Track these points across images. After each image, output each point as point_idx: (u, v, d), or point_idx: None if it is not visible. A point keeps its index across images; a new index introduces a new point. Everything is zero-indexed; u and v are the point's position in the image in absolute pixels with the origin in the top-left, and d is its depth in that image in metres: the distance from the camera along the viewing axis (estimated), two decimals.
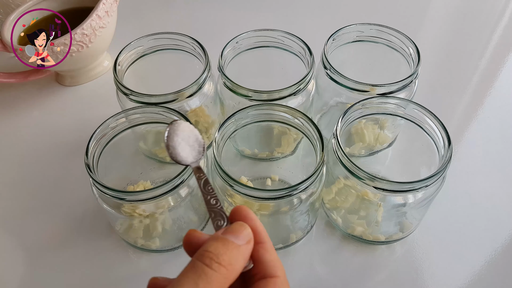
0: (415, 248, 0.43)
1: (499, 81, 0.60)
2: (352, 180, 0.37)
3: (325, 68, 0.44)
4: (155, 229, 0.41)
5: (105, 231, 0.45)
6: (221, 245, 0.23)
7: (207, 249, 0.23)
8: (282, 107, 0.40)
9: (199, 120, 0.49)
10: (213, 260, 0.23)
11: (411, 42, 0.45)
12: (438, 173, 0.34)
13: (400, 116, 0.41)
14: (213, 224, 0.27)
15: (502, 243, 0.43)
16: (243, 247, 0.24)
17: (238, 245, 0.24)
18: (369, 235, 0.42)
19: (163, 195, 0.36)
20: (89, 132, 0.38)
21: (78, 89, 0.61)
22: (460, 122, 0.55)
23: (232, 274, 0.23)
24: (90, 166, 0.36)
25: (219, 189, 0.38)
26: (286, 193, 0.34)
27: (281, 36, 0.47)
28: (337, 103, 0.47)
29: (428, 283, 0.41)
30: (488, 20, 0.71)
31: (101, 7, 0.54)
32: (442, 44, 0.67)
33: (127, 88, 0.42)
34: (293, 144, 0.48)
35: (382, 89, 0.42)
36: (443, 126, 0.37)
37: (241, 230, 0.25)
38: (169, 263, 0.42)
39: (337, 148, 0.37)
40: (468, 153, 0.51)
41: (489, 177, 0.49)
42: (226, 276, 0.23)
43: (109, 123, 0.40)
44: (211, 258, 0.23)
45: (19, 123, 0.56)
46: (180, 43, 0.47)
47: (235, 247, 0.24)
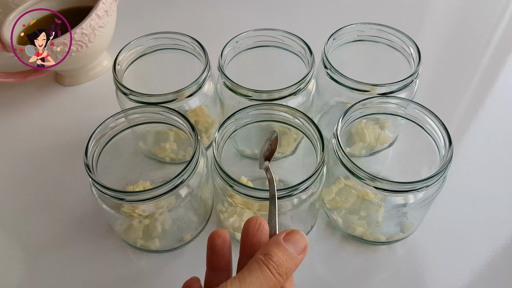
0: (415, 249, 0.43)
1: (500, 81, 0.60)
2: (352, 180, 0.37)
3: (326, 68, 0.44)
4: (155, 230, 0.41)
5: (104, 231, 0.44)
6: (282, 255, 0.26)
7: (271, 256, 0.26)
8: (282, 107, 0.40)
9: (199, 120, 0.48)
10: (275, 269, 0.25)
11: (412, 41, 0.45)
12: (438, 173, 0.34)
13: (400, 116, 0.41)
14: None
15: (503, 243, 0.43)
16: (299, 257, 0.27)
17: (295, 256, 0.26)
18: (369, 235, 0.42)
19: (162, 195, 0.35)
20: (89, 132, 0.38)
21: (77, 89, 0.60)
22: (461, 122, 0.55)
23: (286, 279, 0.26)
24: (90, 166, 0.36)
25: (219, 189, 0.38)
26: (286, 193, 0.34)
27: (281, 36, 0.47)
28: (338, 103, 0.47)
29: (429, 283, 0.41)
30: (489, 20, 0.71)
31: (100, 7, 0.53)
32: (442, 44, 0.67)
33: (126, 88, 0.42)
34: (293, 144, 0.48)
35: (382, 89, 0.42)
36: (444, 126, 0.37)
37: (301, 241, 0.27)
38: (169, 263, 0.42)
39: (338, 148, 0.37)
40: (469, 153, 0.51)
41: (489, 177, 0.49)
42: (282, 281, 0.26)
43: (109, 123, 0.39)
44: (274, 267, 0.25)
45: (18, 123, 0.56)
46: (180, 42, 0.47)
47: (293, 258, 0.26)
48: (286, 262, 0.26)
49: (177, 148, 0.49)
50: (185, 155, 0.49)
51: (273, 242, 0.27)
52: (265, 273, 0.25)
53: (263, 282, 0.25)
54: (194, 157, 0.36)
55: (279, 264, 0.26)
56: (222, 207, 0.41)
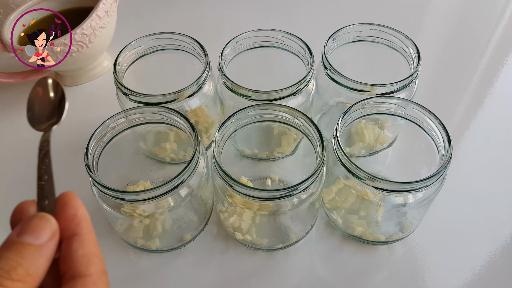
0: (415, 248, 0.43)
1: (499, 81, 0.60)
2: (352, 180, 0.37)
3: (325, 68, 0.44)
4: (155, 229, 0.41)
5: (105, 231, 0.45)
6: (13, 256, 0.20)
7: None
8: (282, 107, 0.40)
9: (199, 120, 0.49)
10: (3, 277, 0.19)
11: (411, 42, 0.45)
12: (438, 173, 0.34)
13: (400, 116, 0.41)
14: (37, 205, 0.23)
15: (502, 243, 0.43)
16: (46, 245, 0.21)
17: (39, 246, 0.20)
18: (369, 235, 0.42)
19: (163, 195, 0.36)
20: (89, 132, 0.38)
21: (77, 89, 0.61)
22: (460, 122, 0.55)
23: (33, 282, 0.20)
24: (90, 166, 0.36)
25: (219, 189, 0.38)
26: (286, 193, 0.34)
27: (281, 36, 0.47)
28: (337, 103, 0.47)
29: (429, 283, 0.41)
30: (488, 20, 0.71)
31: (101, 7, 0.53)
32: (442, 44, 0.67)
33: (127, 88, 0.42)
34: (293, 144, 0.48)
35: (382, 89, 0.42)
36: (443, 126, 0.37)
37: (42, 224, 0.21)
38: (169, 263, 0.42)
39: (337, 148, 0.37)
40: (468, 153, 0.51)
41: (489, 177, 0.49)
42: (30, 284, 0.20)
43: (109, 123, 0.39)
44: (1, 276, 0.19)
45: (19, 123, 0.56)
46: (180, 43, 0.47)
47: (34, 250, 0.20)
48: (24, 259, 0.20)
49: (177, 148, 0.49)
50: (185, 155, 0.49)
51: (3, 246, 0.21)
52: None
53: None
54: (194, 157, 0.37)
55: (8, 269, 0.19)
56: (222, 207, 0.41)
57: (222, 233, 0.44)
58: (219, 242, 0.44)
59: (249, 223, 0.41)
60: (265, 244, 0.42)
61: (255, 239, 0.41)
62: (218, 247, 0.43)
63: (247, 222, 0.41)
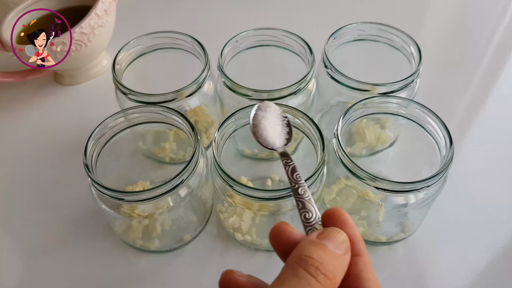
0: (416, 249, 0.43)
1: (501, 80, 0.60)
2: (353, 180, 0.37)
3: (326, 67, 0.44)
4: (154, 230, 0.41)
5: (104, 231, 0.44)
6: (323, 253, 0.20)
7: (310, 255, 0.20)
8: (282, 106, 0.40)
9: (199, 119, 0.48)
10: (319, 270, 0.20)
11: (413, 41, 0.45)
12: (439, 173, 0.34)
13: (401, 115, 0.41)
14: (300, 216, 0.24)
15: (504, 244, 0.43)
16: (344, 258, 0.21)
17: (339, 255, 0.21)
18: (370, 235, 0.42)
19: (162, 195, 0.35)
20: (88, 132, 0.38)
21: (76, 88, 0.60)
22: (462, 122, 0.55)
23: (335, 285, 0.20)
24: (89, 166, 0.36)
25: (219, 189, 0.38)
26: (286, 193, 0.34)
27: (281, 35, 0.47)
28: (338, 102, 0.47)
29: (430, 283, 0.40)
30: (490, 19, 0.71)
31: (99, 6, 0.53)
32: (443, 43, 0.67)
33: (126, 88, 0.42)
34: (293, 144, 0.48)
35: (383, 88, 0.42)
36: (445, 126, 0.37)
37: (339, 237, 0.22)
38: (169, 264, 0.42)
39: (338, 148, 0.37)
40: (470, 153, 0.51)
41: (490, 177, 0.49)
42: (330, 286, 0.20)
43: (108, 122, 0.39)
44: (316, 267, 0.20)
45: (17, 123, 0.56)
46: (179, 42, 0.47)
47: (337, 257, 0.21)
48: (331, 260, 0.20)
49: (176, 148, 0.48)
50: (184, 155, 0.49)
51: (306, 242, 0.21)
52: (304, 278, 0.19)
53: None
54: (194, 157, 0.36)
55: (322, 262, 0.20)
56: (222, 207, 0.41)
57: (222, 234, 0.44)
58: (219, 242, 0.44)
59: (249, 223, 0.41)
60: (265, 244, 0.42)
61: (255, 240, 0.41)
62: (217, 247, 0.43)
63: (247, 222, 0.40)
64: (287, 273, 0.20)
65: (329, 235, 0.22)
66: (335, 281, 0.20)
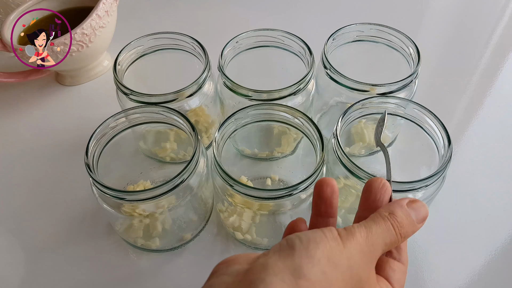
0: (415, 248, 0.43)
1: (499, 80, 0.60)
2: (352, 179, 0.37)
3: (325, 68, 0.44)
4: (155, 229, 0.41)
5: (105, 231, 0.45)
6: (405, 218, 0.27)
7: (396, 216, 0.26)
8: (282, 106, 0.40)
9: (199, 120, 0.49)
10: (398, 229, 0.26)
11: (411, 41, 0.45)
12: (438, 173, 0.34)
13: (400, 115, 0.41)
14: None
15: (502, 243, 0.43)
16: (418, 226, 0.27)
17: (415, 224, 0.27)
18: None
19: (163, 195, 0.36)
20: (89, 132, 0.38)
21: (78, 88, 0.61)
22: (460, 122, 0.55)
23: (402, 242, 0.27)
24: (90, 166, 0.36)
25: (219, 189, 0.38)
26: (286, 193, 0.34)
27: (281, 36, 0.47)
28: (337, 102, 0.47)
29: (428, 283, 0.41)
30: (488, 20, 0.71)
31: (101, 7, 0.54)
32: (442, 44, 0.67)
33: (127, 88, 0.42)
34: (293, 144, 0.48)
35: (382, 88, 0.42)
36: (443, 126, 0.37)
37: (422, 210, 0.28)
38: (169, 262, 0.42)
39: (337, 147, 0.37)
40: (468, 153, 0.51)
41: (489, 177, 0.49)
42: (400, 242, 0.26)
43: (109, 122, 0.39)
44: (397, 226, 0.26)
45: (19, 123, 0.56)
46: (180, 42, 0.47)
47: (413, 224, 0.27)
48: (407, 225, 0.26)
49: (177, 148, 0.49)
50: (185, 155, 0.49)
51: (397, 204, 0.27)
52: (389, 228, 0.26)
53: (386, 235, 0.25)
54: (194, 156, 0.37)
55: (401, 225, 0.26)
56: (222, 206, 0.41)
57: (222, 233, 0.44)
58: (219, 241, 0.44)
59: (249, 222, 0.41)
60: (265, 243, 0.42)
61: (255, 239, 0.41)
62: (218, 246, 0.43)
63: (247, 221, 0.41)
64: (380, 219, 0.26)
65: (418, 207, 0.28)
66: (403, 240, 0.27)
